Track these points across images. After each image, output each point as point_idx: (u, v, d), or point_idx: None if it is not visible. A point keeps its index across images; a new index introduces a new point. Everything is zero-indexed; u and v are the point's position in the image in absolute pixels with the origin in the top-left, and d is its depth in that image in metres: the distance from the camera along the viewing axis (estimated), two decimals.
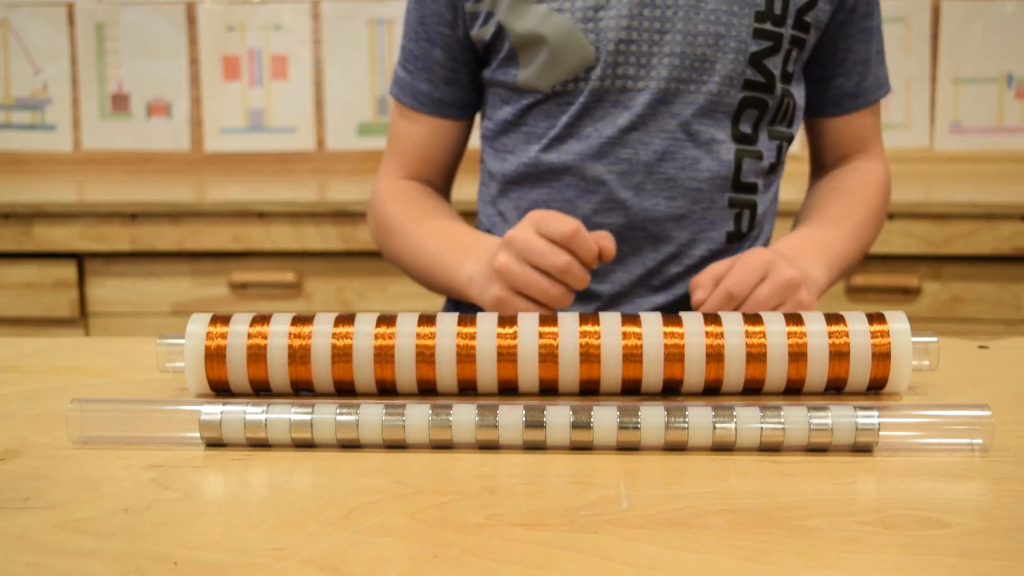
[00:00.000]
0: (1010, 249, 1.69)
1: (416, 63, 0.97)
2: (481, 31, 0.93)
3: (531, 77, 0.92)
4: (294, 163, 2.22)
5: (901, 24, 2.13)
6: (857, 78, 0.98)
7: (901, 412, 0.56)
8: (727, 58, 0.89)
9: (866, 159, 1.02)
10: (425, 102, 0.98)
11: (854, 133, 1.01)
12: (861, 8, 0.96)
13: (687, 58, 0.89)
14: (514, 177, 0.96)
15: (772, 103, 0.93)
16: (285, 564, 0.44)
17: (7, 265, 1.81)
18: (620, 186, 0.91)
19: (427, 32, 0.96)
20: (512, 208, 0.97)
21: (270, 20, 2.21)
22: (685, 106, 0.90)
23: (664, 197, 0.92)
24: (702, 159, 0.92)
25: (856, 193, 0.98)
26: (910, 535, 0.46)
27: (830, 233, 0.92)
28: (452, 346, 0.64)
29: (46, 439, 0.60)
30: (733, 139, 0.92)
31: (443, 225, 0.93)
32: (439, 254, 0.90)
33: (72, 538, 0.47)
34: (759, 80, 0.91)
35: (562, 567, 0.43)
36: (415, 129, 0.99)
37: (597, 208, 0.92)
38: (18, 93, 2.24)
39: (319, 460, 0.56)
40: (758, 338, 0.64)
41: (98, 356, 0.78)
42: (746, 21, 0.89)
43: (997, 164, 2.12)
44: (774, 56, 0.91)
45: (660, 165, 0.91)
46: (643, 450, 0.57)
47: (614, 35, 0.89)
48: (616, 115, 0.91)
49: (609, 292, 0.94)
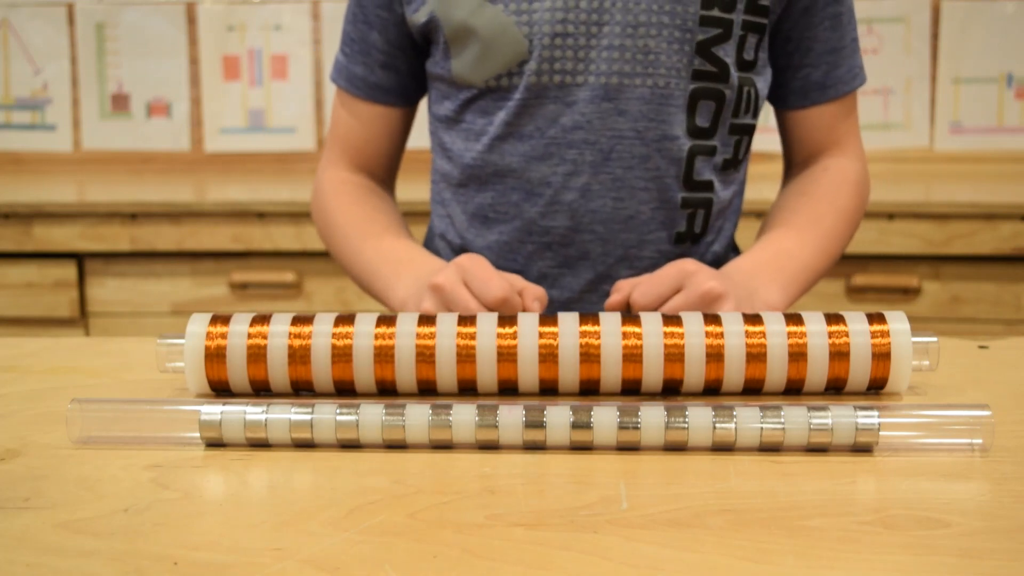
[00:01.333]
0: (1010, 249, 1.69)
1: (353, 46, 0.95)
2: (415, 16, 0.91)
3: (464, 70, 0.89)
4: (294, 163, 2.22)
5: (901, 24, 2.13)
6: (825, 67, 0.92)
7: (901, 412, 0.56)
8: (672, 48, 0.85)
9: (838, 156, 0.96)
10: (360, 86, 0.95)
11: (824, 127, 0.95)
12: None
13: (628, 50, 0.85)
14: (459, 179, 0.93)
15: (730, 94, 0.88)
16: (285, 564, 0.44)
17: (7, 265, 1.81)
18: (565, 188, 0.89)
19: (364, 14, 0.94)
20: (460, 212, 0.94)
21: (270, 20, 2.21)
22: (631, 101, 0.86)
23: (611, 198, 0.89)
24: (651, 157, 0.88)
25: (825, 198, 0.92)
26: (910, 535, 0.46)
27: (791, 248, 0.87)
28: (452, 346, 0.64)
29: (46, 439, 0.60)
30: (689, 134, 0.88)
31: (380, 236, 0.91)
32: (375, 267, 0.88)
33: (72, 538, 0.47)
34: (710, 70, 0.87)
35: (562, 567, 0.43)
36: (352, 115, 0.97)
37: (543, 211, 0.90)
38: (18, 93, 2.24)
39: (319, 460, 0.56)
40: (758, 338, 0.64)
41: (98, 356, 0.78)
42: (691, 8, 0.85)
43: (997, 164, 2.12)
44: (724, 44, 0.86)
45: (606, 165, 0.88)
46: (643, 450, 0.57)
47: (549, 28, 0.85)
48: (557, 112, 0.88)
49: (559, 298, 0.92)
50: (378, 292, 0.89)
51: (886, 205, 1.69)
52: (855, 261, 1.72)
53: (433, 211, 1.00)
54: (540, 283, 0.91)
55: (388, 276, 0.87)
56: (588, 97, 0.87)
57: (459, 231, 0.95)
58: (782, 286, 0.84)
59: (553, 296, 0.92)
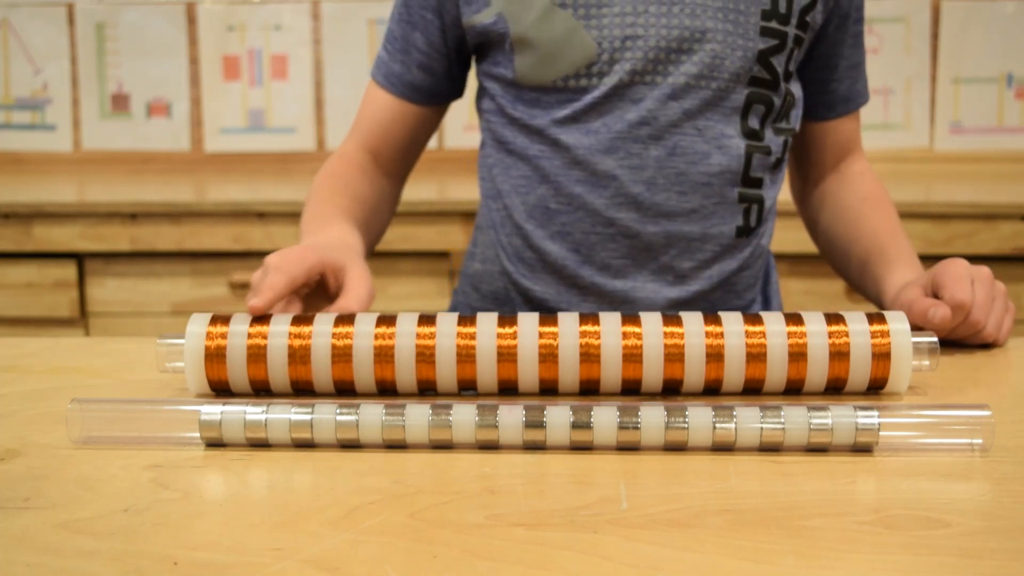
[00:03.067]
0: (1010, 249, 1.68)
1: (395, 44, 0.98)
2: (477, 17, 0.93)
3: (530, 71, 0.92)
4: (294, 163, 2.22)
5: (901, 24, 2.13)
6: (848, 82, 1.02)
7: (901, 412, 0.56)
8: (736, 55, 0.91)
9: (857, 160, 1.06)
10: (395, 83, 0.99)
11: (845, 136, 1.05)
12: (853, 14, 0.99)
13: (695, 53, 0.90)
14: (522, 171, 0.96)
15: (777, 100, 0.95)
16: (285, 564, 0.44)
17: (7, 265, 1.81)
18: (632, 181, 0.92)
19: (410, 14, 0.97)
20: (519, 203, 0.96)
21: (270, 20, 2.21)
22: (695, 102, 0.91)
23: (675, 192, 0.93)
24: (712, 154, 0.93)
25: (884, 200, 1.03)
26: (910, 535, 0.46)
27: (906, 246, 0.96)
28: (452, 346, 0.64)
29: (46, 439, 0.60)
30: (742, 135, 0.94)
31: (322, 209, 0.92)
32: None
33: (72, 538, 0.47)
34: (765, 77, 0.93)
35: (562, 567, 0.43)
36: (381, 109, 1.00)
37: (608, 203, 0.93)
38: (18, 93, 2.24)
39: (319, 460, 0.56)
40: (758, 338, 0.64)
41: (98, 356, 0.78)
42: (752, 19, 0.91)
43: (997, 164, 2.12)
44: (779, 54, 0.93)
45: (671, 160, 0.92)
46: (643, 450, 0.57)
47: (619, 32, 0.89)
48: (625, 110, 0.91)
49: (623, 288, 0.94)
50: None
51: None
52: None
53: (485, 207, 1.02)
54: (603, 274, 0.95)
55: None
56: (656, 96, 0.91)
57: (518, 223, 0.97)
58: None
59: (616, 287, 0.94)
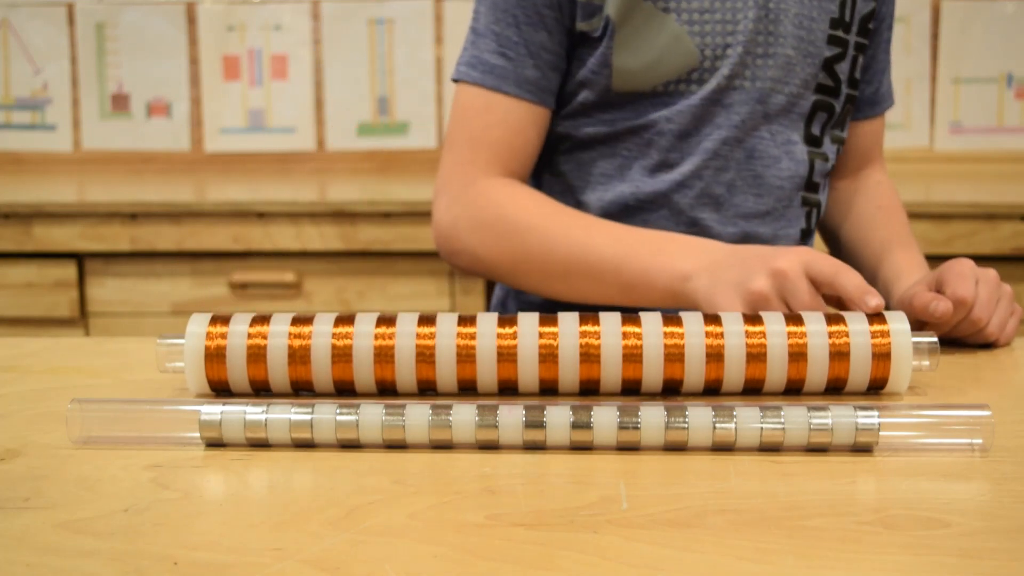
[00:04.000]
0: (1010, 249, 1.68)
1: (517, 48, 0.90)
2: (590, 23, 0.90)
3: (630, 77, 0.90)
4: (294, 163, 2.22)
5: (901, 24, 2.13)
6: (876, 85, 1.03)
7: (901, 412, 0.56)
8: (806, 62, 0.92)
9: (879, 169, 1.08)
10: (532, 90, 0.91)
11: (870, 139, 1.06)
12: (887, 19, 1.01)
13: (779, 57, 0.92)
14: (602, 168, 0.94)
15: (838, 107, 0.96)
16: (285, 564, 0.44)
17: (7, 265, 1.81)
18: (714, 181, 0.93)
19: (527, 15, 0.90)
20: (595, 199, 0.93)
21: (270, 20, 2.21)
22: (774, 107, 0.93)
23: (752, 194, 0.94)
24: (781, 159, 0.94)
25: (896, 207, 1.04)
26: (910, 535, 0.46)
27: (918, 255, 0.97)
28: (452, 346, 0.64)
29: (46, 439, 0.60)
30: (804, 141, 0.95)
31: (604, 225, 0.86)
32: (623, 250, 0.83)
33: (72, 538, 0.47)
34: (829, 84, 0.95)
35: (562, 567, 0.43)
36: (511, 120, 0.92)
37: (692, 203, 0.93)
38: (18, 93, 2.24)
39: (319, 460, 0.56)
40: (758, 338, 0.63)
41: (98, 356, 0.78)
42: (822, 26, 0.92)
43: (997, 164, 2.12)
44: (842, 62, 0.94)
45: (750, 163, 0.93)
46: (643, 450, 0.57)
47: (720, 40, 0.90)
48: (715, 113, 0.92)
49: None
50: (637, 273, 0.83)
51: None
52: None
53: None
54: None
55: (654, 254, 0.82)
56: (743, 99, 0.92)
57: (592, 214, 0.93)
58: None
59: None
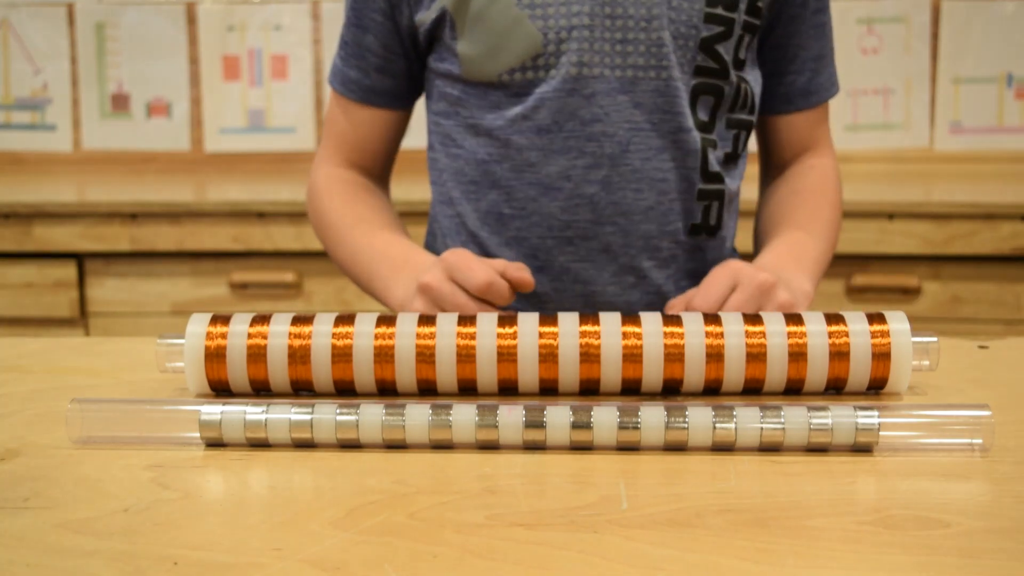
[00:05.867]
0: (1010, 249, 1.68)
1: (348, 49, 0.96)
2: (424, 15, 0.91)
3: (475, 66, 0.89)
4: (294, 163, 2.22)
5: (901, 24, 2.13)
6: (809, 75, 0.96)
7: (901, 412, 0.56)
8: (678, 43, 0.87)
9: (818, 156, 1.00)
10: (354, 89, 0.96)
11: (806, 131, 0.99)
12: (812, 3, 0.94)
13: (641, 43, 0.87)
14: (472, 176, 0.94)
15: (728, 90, 0.91)
16: (285, 564, 0.44)
17: (7, 265, 1.81)
18: (585, 181, 0.89)
19: (359, 18, 0.94)
20: (472, 210, 0.94)
21: (270, 20, 2.21)
22: (645, 94, 0.88)
23: (631, 190, 0.90)
24: (667, 149, 0.90)
25: (817, 193, 0.97)
26: (910, 535, 0.46)
27: (803, 241, 0.91)
28: (452, 346, 0.64)
29: (46, 439, 0.60)
30: (696, 127, 0.90)
31: (376, 234, 0.92)
32: (372, 267, 0.89)
33: (72, 538, 0.47)
34: (711, 66, 0.89)
35: (562, 567, 0.43)
36: (347, 117, 0.98)
37: (563, 205, 0.90)
38: (18, 93, 2.24)
39: (319, 460, 0.56)
40: (758, 338, 0.64)
41: (98, 356, 0.78)
42: (697, 5, 0.87)
43: (997, 164, 2.12)
44: (725, 42, 0.89)
45: (625, 157, 0.89)
46: (643, 450, 0.57)
47: (565, 21, 0.86)
48: (575, 105, 0.88)
49: (583, 292, 0.92)
50: (377, 292, 0.90)
51: (886, 205, 1.69)
52: (855, 261, 1.72)
53: (437, 212, 1.00)
54: (562, 277, 0.92)
55: (386, 277, 0.87)
56: (605, 90, 0.88)
57: (471, 230, 0.94)
58: (808, 276, 0.87)
59: (576, 291, 0.93)
